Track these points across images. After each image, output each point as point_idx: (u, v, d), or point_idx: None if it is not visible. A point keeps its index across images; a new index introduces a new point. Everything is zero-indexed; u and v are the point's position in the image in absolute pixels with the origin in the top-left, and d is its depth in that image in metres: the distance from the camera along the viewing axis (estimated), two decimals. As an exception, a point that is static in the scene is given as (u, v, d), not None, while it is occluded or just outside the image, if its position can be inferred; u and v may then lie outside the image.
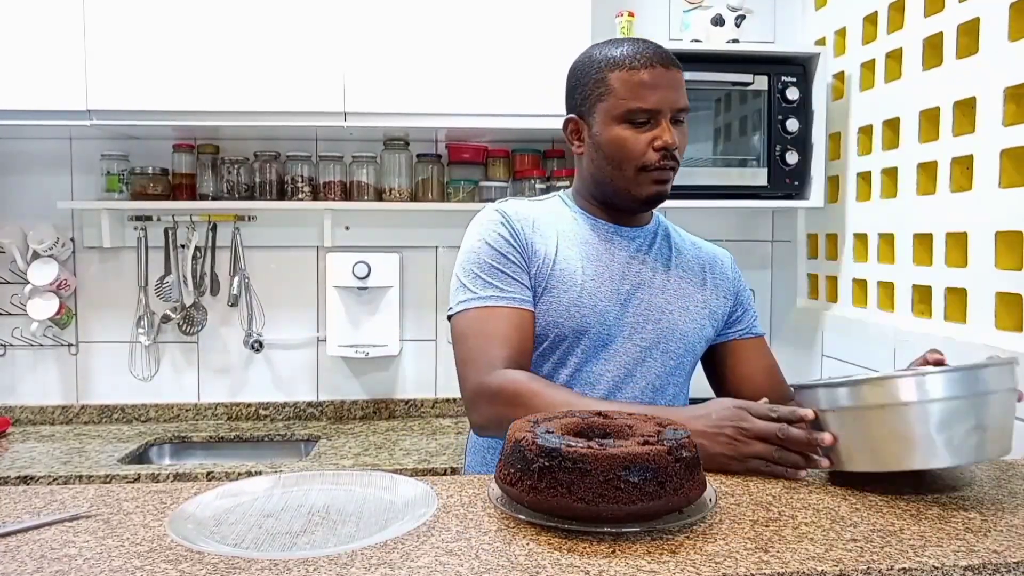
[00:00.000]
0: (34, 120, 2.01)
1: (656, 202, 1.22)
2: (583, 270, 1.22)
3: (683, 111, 1.18)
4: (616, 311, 1.22)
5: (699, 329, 1.28)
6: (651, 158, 1.17)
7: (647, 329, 1.24)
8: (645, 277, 1.25)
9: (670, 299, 1.25)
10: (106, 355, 2.36)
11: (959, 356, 1.57)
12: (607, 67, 1.19)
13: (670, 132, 1.16)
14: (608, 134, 1.18)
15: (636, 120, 1.16)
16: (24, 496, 0.94)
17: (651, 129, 1.17)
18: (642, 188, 1.19)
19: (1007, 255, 1.48)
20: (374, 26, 2.03)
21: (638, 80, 1.15)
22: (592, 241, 1.26)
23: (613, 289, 1.23)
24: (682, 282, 1.28)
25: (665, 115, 1.16)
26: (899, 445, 0.89)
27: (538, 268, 1.22)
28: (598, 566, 0.73)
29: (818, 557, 0.75)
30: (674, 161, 1.18)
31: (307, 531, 0.82)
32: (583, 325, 1.20)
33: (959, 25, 1.61)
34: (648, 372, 1.24)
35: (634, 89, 1.15)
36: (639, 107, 1.15)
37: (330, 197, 2.28)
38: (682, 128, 1.20)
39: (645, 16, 2.36)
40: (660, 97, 1.15)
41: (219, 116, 2.04)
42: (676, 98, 1.17)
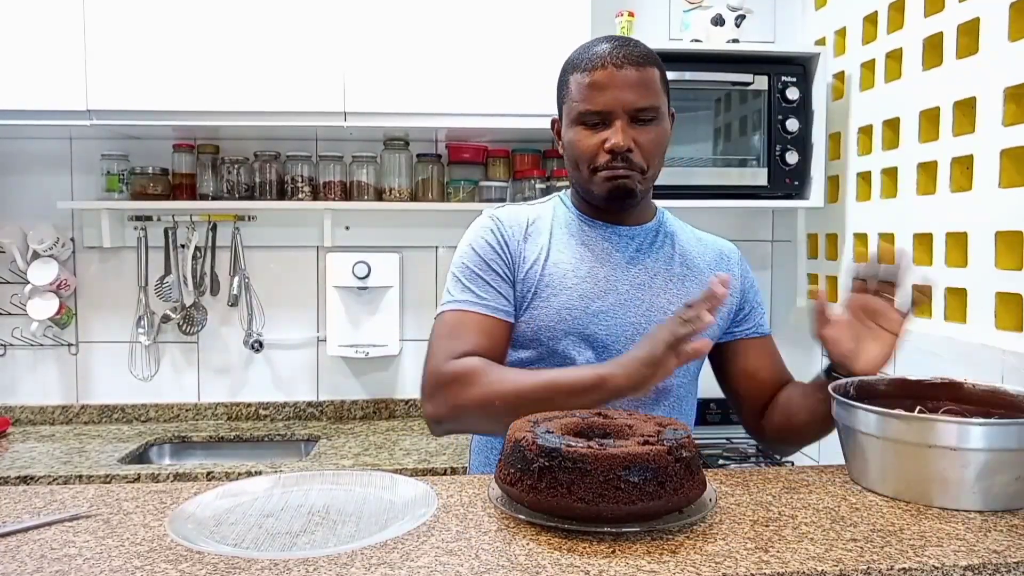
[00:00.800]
0: (34, 120, 2.01)
1: (619, 197, 1.19)
2: (576, 272, 1.21)
3: (644, 110, 1.15)
4: (614, 311, 1.21)
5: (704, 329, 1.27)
6: (601, 159, 1.16)
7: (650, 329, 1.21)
8: (646, 277, 1.24)
9: (673, 299, 1.24)
10: (106, 355, 2.36)
11: (959, 356, 1.57)
12: (568, 69, 1.20)
13: (621, 134, 1.14)
14: (568, 135, 1.20)
15: (589, 122, 1.16)
16: (24, 496, 0.94)
17: (604, 130, 1.16)
18: (598, 187, 1.19)
19: (1007, 255, 1.48)
20: (374, 26, 2.03)
21: (588, 82, 1.15)
22: (589, 242, 1.25)
23: (611, 290, 1.22)
24: (686, 281, 1.26)
25: (619, 116, 1.15)
26: (935, 485, 0.89)
27: (526, 273, 1.21)
28: (598, 566, 0.73)
29: (818, 557, 0.75)
30: (626, 163, 1.16)
31: (307, 531, 0.82)
32: (575, 327, 1.19)
33: (959, 25, 1.61)
34: None
35: (584, 91, 1.16)
36: (588, 109, 1.15)
37: (330, 197, 2.28)
38: (649, 129, 1.17)
39: (645, 16, 2.36)
40: (609, 98, 1.14)
41: (219, 116, 2.04)
42: (631, 98, 1.14)
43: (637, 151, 1.16)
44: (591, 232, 1.26)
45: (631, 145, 1.15)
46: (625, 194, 1.19)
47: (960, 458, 0.87)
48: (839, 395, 1.01)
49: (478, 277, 1.21)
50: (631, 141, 1.15)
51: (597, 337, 1.20)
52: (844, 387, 1.06)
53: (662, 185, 2.04)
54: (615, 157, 1.15)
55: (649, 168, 1.19)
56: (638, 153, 1.16)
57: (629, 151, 1.15)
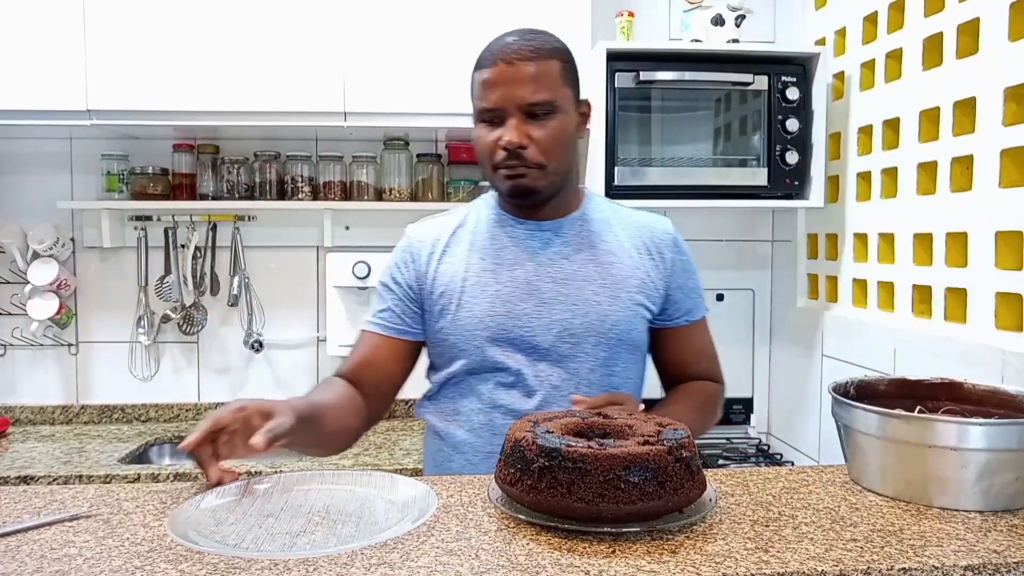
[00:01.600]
0: (34, 120, 2.01)
1: (521, 195, 1.19)
2: (497, 278, 1.21)
3: (538, 105, 1.13)
4: (539, 311, 1.20)
5: (633, 316, 1.23)
6: (498, 157, 1.16)
7: (576, 325, 1.20)
8: (570, 271, 1.22)
9: (599, 289, 1.22)
10: (106, 355, 2.36)
11: (960, 356, 1.57)
12: (474, 67, 1.20)
13: (513, 131, 1.13)
14: (473, 134, 1.21)
15: (487, 119, 1.17)
16: (24, 496, 0.94)
17: (500, 127, 1.16)
18: (501, 184, 1.19)
19: (1007, 255, 1.48)
20: (374, 26, 2.03)
21: (482, 79, 1.16)
22: (509, 244, 1.24)
23: (532, 290, 1.20)
24: (612, 268, 1.23)
25: (511, 112, 1.14)
26: (935, 485, 0.89)
27: (447, 286, 1.22)
28: (598, 566, 0.73)
29: (818, 557, 0.75)
30: (519, 160, 1.14)
31: (307, 531, 0.82)
32: (500, 333, 1.19)
33: (959, 25, 1.61)
34: (582, 367, 1.21)
35: (479, 89, 1.17)
36: (483, 107, 1.16)
37: (330, 197, 2.28)
38: (544, 123, 1.15)
39: (645, 16, 2.36)
40: (500, 95, 1.14)
41: (219, 116, 2.04)
42: (523, 94, 1.13)
43: (533, 147, 1.14)
44: (512, 231, 1.25)
45: (524, 142, 1.13)
46: (526, 192, 1.18)
47: (960, 458, 0.87)
48: (839, 395, 1.01)
49: (381, 297, 1.28)
50: (525, 137, 1.13)
51: (524, 339, 1.19)
52: (844, 387, 1.06)
53: (662, 185, 2.06)
54: (509, 155, 1.15)
55: (549, 163, 1.16)
56: (533, 149, 1.14)
57: (522, 147, 1.14)
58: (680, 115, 2.07)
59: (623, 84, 2.01)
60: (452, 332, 1.22)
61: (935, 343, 1.65)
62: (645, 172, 2.04)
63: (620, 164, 2.02)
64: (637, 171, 2.03)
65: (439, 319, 1.23)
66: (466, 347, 1.21)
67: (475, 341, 1.20)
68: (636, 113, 2.04)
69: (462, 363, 1.22)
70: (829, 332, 2.15)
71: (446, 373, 1.25)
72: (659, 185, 2.05)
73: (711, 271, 2.47)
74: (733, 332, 2.49)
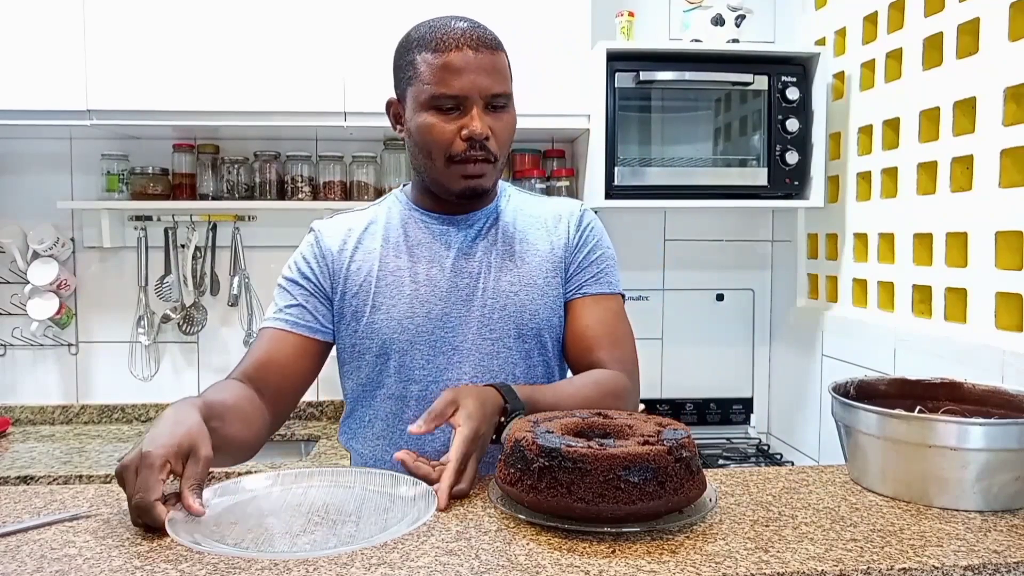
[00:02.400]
0: (34, 120, 2.01)
1: (472, 196, 1.14)
2: (412, 278, 1.16)
3: (499, 96, 1.10)
4: (458, 311, 1.16)
5: (551, 302, 1.19)
6: (458, 148, 1.09)
7: (496, 319, 1.16)
8: (486, 264, 1.18)
9: (514, 280, 1.18)
10: (106, 355, 2.36)
11: (960, 356, 1.57)
12: (416, 48, 1.11)
13: (479, 121, 1.08)
14: (416, 120, 1.11)
15: (443, 107, 1.08)
16: (24, 496, 0.94)
17: (460, 116, 1.09)
18: (453, 181, 1.12)
19: (1007, 255, 1.48)
20: (374, 26, 2.03)
21: (442, 63, 1.07)
22: (425, 240, 1.19)
23: (450, 288, 1.16)
24: (527, 257, 1.20)
25: (475, 102, 1.08)
26: (935, 485, 0.89)
27: (360, 287, 1.17)
28: (598, 566, 0.73)
29: (818, 557, 0.75)
30: (484, 152, 1.10)
31: (307, 531, 0.82)
32: (419, 335, 1.15)
33: (959, 25, 1.61)
34: (507, 364, 1.17)
35: (438, 73, 1.08)
36: (444, 93, 1.07)
37: (330, 197, 2.28)
38: (502, 116, 1.12)
39: (645, 16, 2.36)
40: (467, 82, 1.07)
41: (219, 116, 2.04)
42: (488, 84, 1.08)
43: (492, 139, 1.10)
44: (426, 228, 1.20)
45: (488, 132, 1.09)
46: (480, 193, 1.15)
47: (960, 458, 0.87)
48: (839, 395, 1.01)
49: (286, 292, 1.19)
50: (488, 129, 1.09)
51: (445, 340, 1.16)
52: (844, 387, 1.06)
53: (662, 185, 2.06)
54: (473, 145, 1.09)
55: (500, 157, 1.14)
56: (493, 141, 1.10)
57: (487, 138, 1.09)
58: (680, 115, 2.07)
59: (623, 84, 2.01)
60: (369, 335, 1.16)
61: (935, 343, 1.65)
62: (645, 172, 2.04)
63: (620, 164, 2.02)
64: (637, 171, 2.03)
65: (351, 322, 1.17)
66: (386, 350, 1.15)
67: (396, 345, 1.15)
68: (636, 113, 2.04)
69: (384, 365, 1.17)
70: (829, 332, 2.15)
71: (358, 383, 1.20)
72: (659, 185, 2.05)
73: (711, 271, 2.47)
74: (733, 332, 2.49)
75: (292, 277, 1.20)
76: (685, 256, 2.46)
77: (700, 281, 2.46)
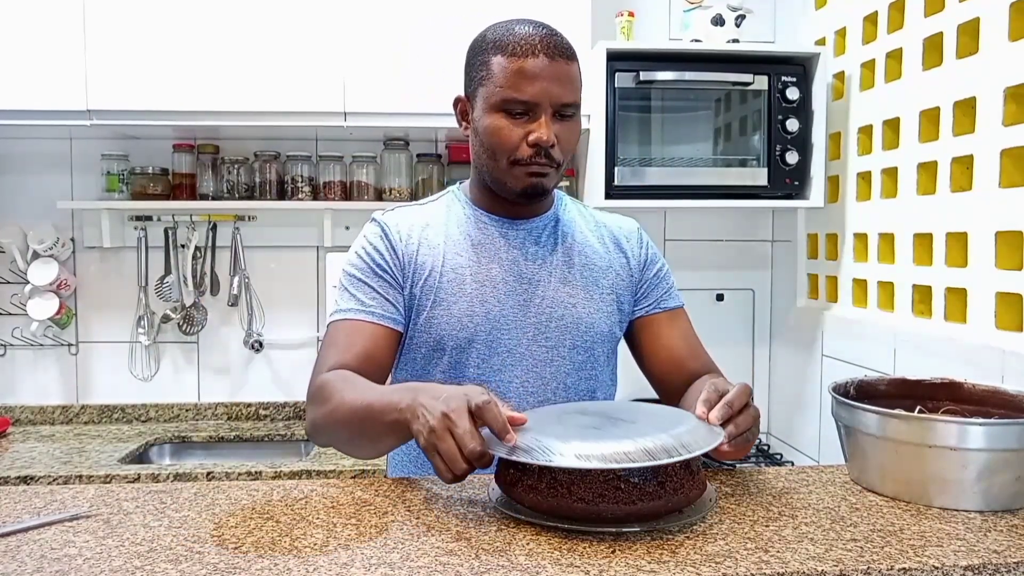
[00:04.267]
0: (34, 120, 2.01)
1: (534, 196, 1.15)
2: (474, 277, 1.17)
3: (568, 106, 1.11)
4: (515, 314, 1.17)
5: (607, 317, 1.21)
6: (524, 152, 1.10)
7: (551, 328, 1.17)
8: (544, 272, 1.19)
9: (573, 291, 1.19)
10: (106, 355, 2.36)
11: (960, 356, 1.57)
12: (492, 49, 1.11)
13: (547, 128, 1.09)
14: (485, 121, 1.12)
15: (513, 111, 1.10)
16: (24, 496, 0.94)
17: (529, 122, 1.10)
18: (516, 181, 1.13)
19: (1007, 255, 1.48)
20: (374, 27, 2.03)
21: (517, 68, 1.08)
22: (484, 241, 1.20)
23: (509, 291, 1.17)
24: (585, 270, 1.21)
25: (545, 109, 1.09)
26: (935, 485, 0.89)
27: (424, 281, 1.17)
28: (598, 566, 0.73)
29: (818, 557, 0.75)
30: (548, 159, 1.11)
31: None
32: (478, 334, 1.15)
33: (959, 25, 1.61)
34: (559, 372, 1.18)
35: (512, 78, 1.08)
36: (515, 97, 1.08)
37: (330, 197, 2.28)
38: (569, 124, 1.13)
39: (645, 16, 2.36)
40: (539, 89, 1.08)
41: (219, 116, 2.04)
42: (559, 92, 1.09)
43: (557, 145, 1.11)
44: (486, 229, 1.20)
45: (554, 140, 1.10)
46: (540, 193, 1.15)
47: (960, 458, 0.87)
48: (839, 395, 1.01)
49: (364, 284, 1.17)
50: (554, 136, 1.10)
51: (501, 342, 1.16)
52: (844, 387, 1.06)
53: (662, 185, 2.06)
54: (539, 152, 1.10)
55: (563, 163, 1.15)
56: (557, 148, 1.11)
57: (552, 146, 1.10)
58: (680, 115, 2.07)
59: (623, 84, 2.01)
60: (427, 330, 1.16)
61: (935, 343, 1.65)
62: (645, 172, 2.04)
63: (620, 164, 2.02)
64: (637, 171, 2.03)
65: (412, 315, 1.17)
66: (443, 346, 1.16)
67: (454, 342, 1.15)
68: (636, 113, 2.04)
69: (428, 365, 1.17)
70: (829, 332, 2.15)
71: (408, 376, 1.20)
72: (659, 185, 2.05)
73: (711, 271, 2.47)
74: (733, 332, 2.49)
75: (367, 268, 1.18)
76: (685, 256, 2.46)
77: (700, 281, 2.46)
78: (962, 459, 0.87)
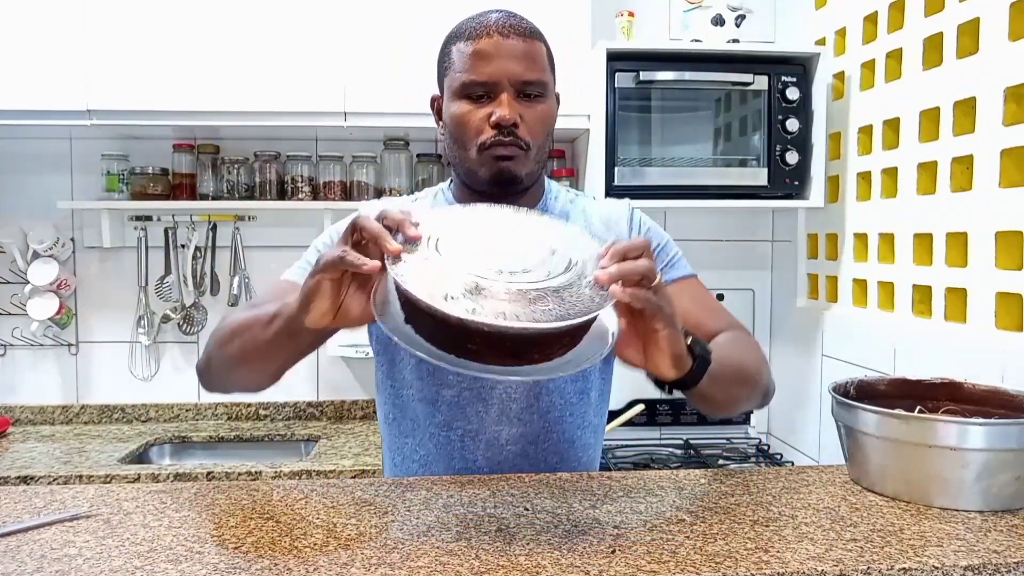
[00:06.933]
0: (34, 120, 2.01)
1: (505, 182, 1.11)
2: None
3: (531, 84, 1.08)
4: None
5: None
6: (487, 134, 1.08)
7: None
8: None
9: None
10: (106, 355, 2.36)
11: (960, 356, 1.57)
12: (451, 39, 1.11)
13: (508, 106, 1.06)
14: (451, 109, 1.10)
15: (474, 94, 1.08)
16: (24, 496, 0.94)
17: (490, 103, 1.08)
18: (485, 168, 1.10)
19: (1007, 255, 1.48)
20: (374, 27, 2.03)
21: (473, 51, 1.07)
22: None
23: None
24: None
25: (505, 88, 1.07)
26: (935, 485, 0.89)
27: None
28: (598, 566, 0.73)
29: (818, 557, 0.75)
30: (513, 138, 1.07)
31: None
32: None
33: (959, 25, 1.61)
34: None
35: (468, 61, 1.07)
36: (473, 80, 1.07)
37: (330, 197, 2.28)
38: (536, 105, 1.09)
39: (645, 16, 2.36)
40: (495, 68, 1.06)
41: (219, 116, 2.04)
42: (518, 70, 1.06)
43: (523, 126, 1.08)
44: None
45: (517, 119, 1.07)
46: (510, 179, 1.11)
47: (960, 458, 0.87)
48: (839, 395, 1.01)
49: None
50: (517, 115, 1.07)
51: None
52: (844, 387, 1.06)
53: (662, 185, 2.06)
54: (501, 131, 1.07)
55: (533, 146, 1.10)
56: (524, 128, 1.08)
57: (515, 125, 1.07)
58: (680, 115, 2.07)
59: (623, 84, 2.01)
60: None
61: (935, 343, 1.65)
62: (645, 172, 2.04)
63: (620, 164, 2.02)
64: (637, 171, 2.03)
65: None
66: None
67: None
68: (636, 113, 2.04)
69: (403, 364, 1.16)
70: (829, 332, 2.15)
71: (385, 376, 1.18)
72: (659, 185, 2.05)
73: (711, 271, 2.47)
74: (733, 332, 2.49)
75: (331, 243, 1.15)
76: (685, 256, 2.45)
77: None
78: (962, 459, 0.87)
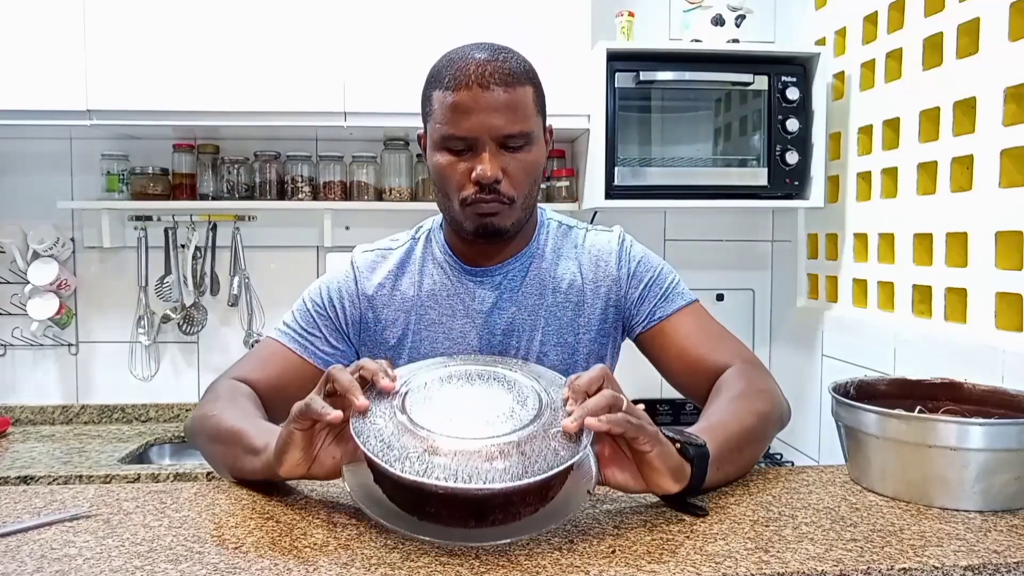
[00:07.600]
0: (34, 120, 2.01)
1: (489, 236, 1.08)
2: (448, 334, 1.14)
3: (514, 137, 1.03)
4: None
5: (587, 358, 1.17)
6: (469, 190, 1.04)
7: None
8: (517, 320, 1.15)
9: (545, 338, 1.15)
10: (106, 355, 2.36)
11: (960, 356, 1.57)
12: (432, 83, 1.07)
13: (489, 163, 1.02)
14: (433, 159, 1.07)
15: (454, 148, 1.04)
16: (24, 496, 0.94)
17: (472, 157, 1.03)
18: (469, 221, 1.07)
19: (1007, 255, 1.48)
20: (374, 26, 2.03)
21: (451, 103, 1.02)
22: (458, 292, 1.15)
23: (482, 345, 1.14)
24: (557, 310, 1.16)
25: (486, 143, 1.02)
26: (935, 485, 0.89)
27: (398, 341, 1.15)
28: (598, 566, 0.73)
29: (818, 557, 0.75)
30: (495, 194, 1.04)
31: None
32: None
33: (959, 25, 1.61)
34: None
35: (447, 113, 1.02)
36: (452, 134, 1.03)
37: (330, 197, 2.28)
38: (521, 156, 1.05)
39: (645, 16, 2.36)
40: (474, 123, 1.01)
41: (219, 116, 2.04)
42: (499, 124, 1.01)
43: (506, 180, 1.04)
44: (460, 280, 1.16)
45: (499, 175, 1.03)
46: (495, 232, 1.08)
47: (960, 458, 0.87)
48: (839, 395, 1.01)
49: (312, 319, 1.16)
50: (499, 171, 1.03)
51: None
52: (844, 387, 1.06)
53: (662, 185, 2.06)
54: (483, 188, 1.03)
55: (519, 198, 1.07)
56: (507, 182, 1.04)
57: (497, 182, 1.03)
58: (680, 115, 2.07)
59: (623, 84, 2.01)
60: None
61: (935, 343, 1.65)
62: (645, 172, 2.04)
63: (620, 164, 2.02)
64: (637, 171, 2.03)
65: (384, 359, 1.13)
66: None
67: None
68: (636, 113, 2.04)
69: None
70: (829, 332, 2.15)
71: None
72: (659, 185, 2.05)
73: (711, 271, 2.47)
74: (733, 332, 2.48)
75: (321, 304, 1.17)
76: (685, 256, 2.46)
77: (700, 281, 2.46)
78: (962, 459, 0.87)
